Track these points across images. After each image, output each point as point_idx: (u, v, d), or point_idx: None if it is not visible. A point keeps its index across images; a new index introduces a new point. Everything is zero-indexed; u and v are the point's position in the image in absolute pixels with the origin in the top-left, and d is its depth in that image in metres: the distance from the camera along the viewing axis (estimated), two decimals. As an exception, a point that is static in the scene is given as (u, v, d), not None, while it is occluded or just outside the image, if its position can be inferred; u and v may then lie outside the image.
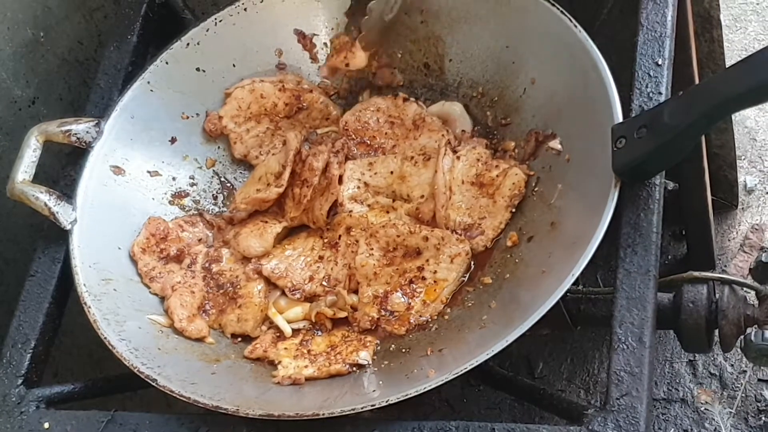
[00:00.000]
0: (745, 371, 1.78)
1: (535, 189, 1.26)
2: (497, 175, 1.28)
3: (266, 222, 1.36)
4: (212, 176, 1.43)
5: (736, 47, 2.14)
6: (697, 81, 1.51)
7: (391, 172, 1.35)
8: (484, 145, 1.33)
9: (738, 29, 2.19)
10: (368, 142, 1.40)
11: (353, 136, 1.40)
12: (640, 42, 1.19)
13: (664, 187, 1.13)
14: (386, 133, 1.40)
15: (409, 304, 1.24)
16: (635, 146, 1.07)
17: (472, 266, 1.26)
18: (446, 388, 1.16)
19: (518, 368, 1.86)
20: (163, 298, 1.30)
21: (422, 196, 1.32)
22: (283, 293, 1.31)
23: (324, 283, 1.30)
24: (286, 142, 1.38)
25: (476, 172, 1.30)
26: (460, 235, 1.27)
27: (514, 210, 1.26)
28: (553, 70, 1.27)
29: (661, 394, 1.79)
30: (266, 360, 1.24)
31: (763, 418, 1.73)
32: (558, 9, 1.25)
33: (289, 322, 1.28)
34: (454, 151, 1.32)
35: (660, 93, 1.16)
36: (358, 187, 1.35)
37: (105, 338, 1.18)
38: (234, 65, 1.44)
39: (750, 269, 1.87)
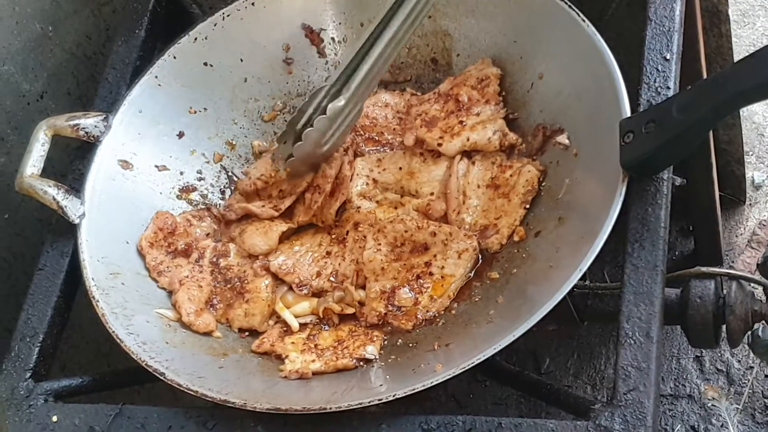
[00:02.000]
0: (752, 367, 1.78)
1: (543, 184, 1.26)
2: (511, 175, 1.28)
3: (272, 220, 1.36)
4: (220, 171, 1.43)
5: (744, 42, 2.14)
6: (705, 76, 1.50)
7: (400, 168, 1.35)
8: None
9: (746, 24, 2.18)
10: (376, 138, 1.40)
11: (361, 132, 1.40)
12: (648, 37, 1.19)
13: (672, 182, 1.13)
14: (394, 129, 1.40)
15: (417, 299, 1.24)
16: (643, 141, 1.07)
17: (480, 261, 1.26)
18: (453, 383, 1.16)
19: (525, 364, 1.86)
20: (170, 293, 1.30)
21: (431, 193, 1.32)
22: (291, 288, 1.31)
23: (331, 278, 1.30)
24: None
25: (491, 176, 1.30)
26: (476, 236, 1.26)
27: (528, 206, 1.26)
28: (561, 65, 1.27)
29: (668, 389, 1.79)
30: (273, 354, 1.24)
31: (771, 414, 1.73)
32: (566, 3, 1.24)
33: (296, 316, 1.29)
34: (469, 157, 1.32)
35: (668, 88, 1.16)
36: (367, 184, 1.36)
37: (113, 332, 1.18)
38: (241, 60, 1.44)
39: (757, 265, 1.86)
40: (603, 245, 1.06)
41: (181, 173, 1.41)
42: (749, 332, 1.22)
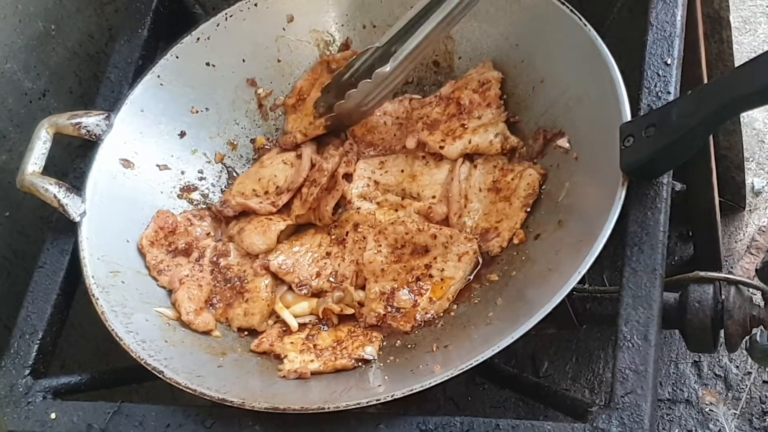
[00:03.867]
0: (750, 372, 1.78)
1: (543, 187, 1.26)
2: (512, 178, 1.28)
3: (270, 219, 1.36)
4: (221, 170, 1.44)
5: (745, 49, 2.14)
6: (706, 82, 1.51)
7: (402, 171, 1.35)
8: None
9: (748, 31, 2.19)
10: (376, 143, 1.40)
11: (361, 139, 1.41)
12: (649, 41, 1.19)
13: (672, 187, 1.13)
14: (394, 135, 1.40)
15: (416, 301, 1.24)
16: (643, 145, 1.07)
17: (480, 264, 1.26)
18: (451, 385, 1.16)
19: (523, 367, 1.86)
20: (170, 291, 1.31)
21: (433, 197, 1.32)
22: (290, 288, 1.32)
23: (331, 279, 1.30)
24: (301, 161, 1.39)
25: (493, 179, 1.30)
26: (476, 239, 1.26)
27: (529, 210, 1.26)
28: (562, 69, 1.27)
29: (666, 394, 1.79)
30: (272, 354, 1.24)
31: (768, 420, 1.73)
32: (568, 8, 1.25)
33: (295, 316, 1.29)
34: (471, 160, 1.33)
35: (669, 92, 1.16)
36: (368, 185, 1.36)
37: (112, 330, 1.19)
38: (244, 60, 1.44)
39: (756, 270, 1.87)
40: (602, 249, 1.06)
41: (183, 172, 1.41)
42: (747, 337, 1.22)
